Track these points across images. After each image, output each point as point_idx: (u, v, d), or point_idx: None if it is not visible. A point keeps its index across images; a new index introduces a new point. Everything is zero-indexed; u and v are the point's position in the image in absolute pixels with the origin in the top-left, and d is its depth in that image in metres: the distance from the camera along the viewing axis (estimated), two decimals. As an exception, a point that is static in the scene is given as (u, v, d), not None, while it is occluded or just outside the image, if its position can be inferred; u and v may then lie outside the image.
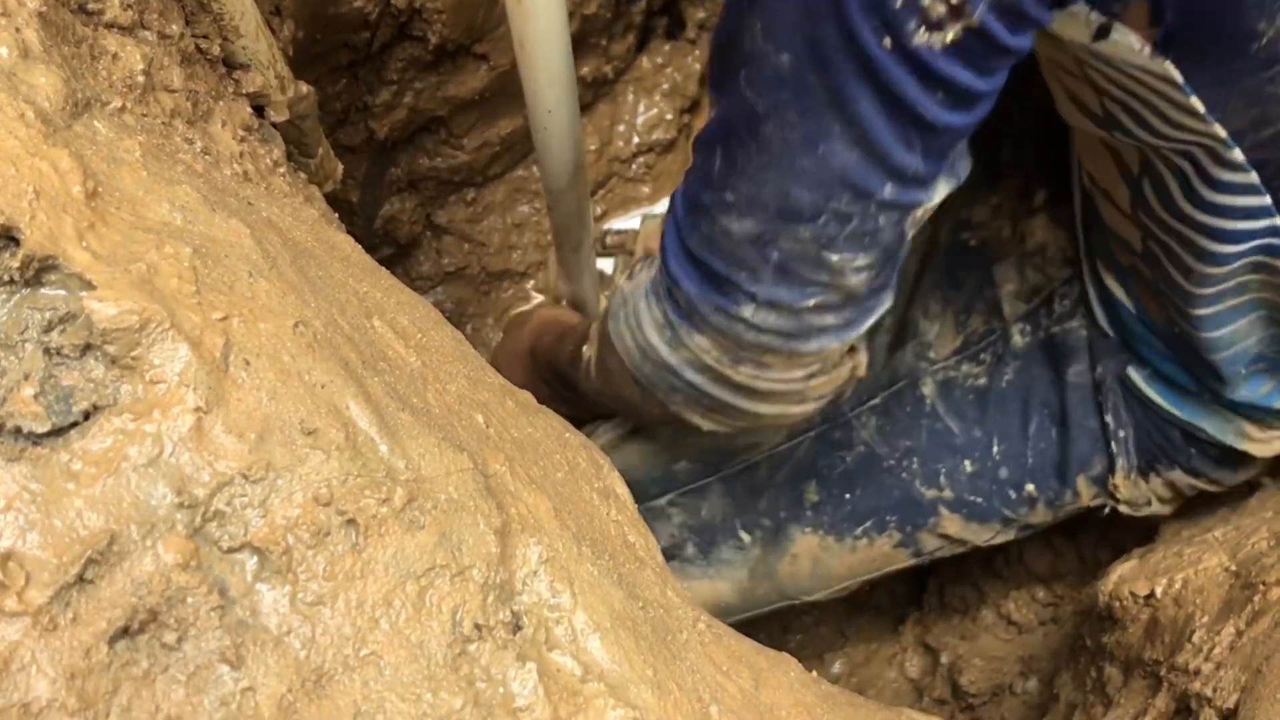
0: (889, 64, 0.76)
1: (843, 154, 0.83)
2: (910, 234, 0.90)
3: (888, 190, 0.85)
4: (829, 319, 0.94)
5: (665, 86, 1.88)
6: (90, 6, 0.71)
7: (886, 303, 0.97)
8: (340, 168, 1.14)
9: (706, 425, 1.11)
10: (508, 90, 1.66)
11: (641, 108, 1.88)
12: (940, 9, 0.73)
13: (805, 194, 0.85)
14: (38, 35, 0.61)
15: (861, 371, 1.06)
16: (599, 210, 1.89)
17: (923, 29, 0.74)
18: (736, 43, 0.83)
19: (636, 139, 1.88)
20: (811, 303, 0.92)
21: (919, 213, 0.88)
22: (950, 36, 0.75)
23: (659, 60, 1.87)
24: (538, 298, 1.76)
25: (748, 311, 0.94)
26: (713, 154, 0.90)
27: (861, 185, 0.84)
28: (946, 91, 0.79)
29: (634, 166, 1.91)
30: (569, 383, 1.32)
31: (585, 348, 1.22)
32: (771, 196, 0.87)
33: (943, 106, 0.80)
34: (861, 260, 0.89)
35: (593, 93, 1.85)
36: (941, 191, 0.88)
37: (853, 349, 1.02)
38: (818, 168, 0.84)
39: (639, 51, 1.87)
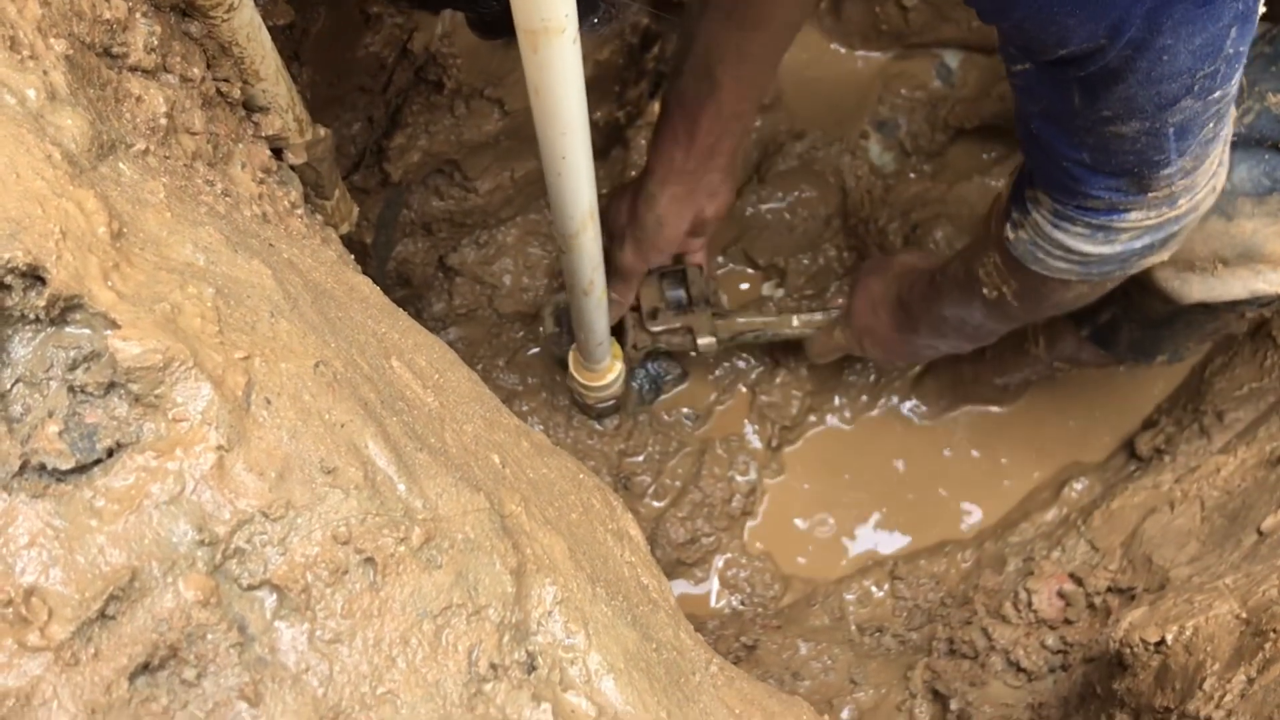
0: None
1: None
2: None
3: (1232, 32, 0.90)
4: (1225, 121, 1.02)
5: (677, 131, 1.89)
6: (115, 50, 0.72)
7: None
8: (356, 210, 1.15)
9: (1165, 257, 1.19)
10: (521, 134, 1.68)
11: (653, 152, 1.89)
12: None
13: (1172, 85, 0.92)
14: (65, 78, 0.62)
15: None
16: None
17: None
18: None
19: (648, 183, 1.89)
20: (1211, 124, 0.99)
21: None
22: None
23: (671, 105, 1.88)
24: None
25: (1167, 170, 1.02)
26: (1069, 91, 0.97)
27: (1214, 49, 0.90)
28: None
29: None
30: (955, 323, 1.46)
31: (984, 290, 1.33)
32: (1147, 100, 0.94)
33: None
34: (1237, 75, 0.95)
35: (605, 137, 1.87)
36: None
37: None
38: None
39: (651, 97, 1.89)
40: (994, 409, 1.95)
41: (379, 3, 1.38)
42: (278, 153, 0.96)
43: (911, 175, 1.97)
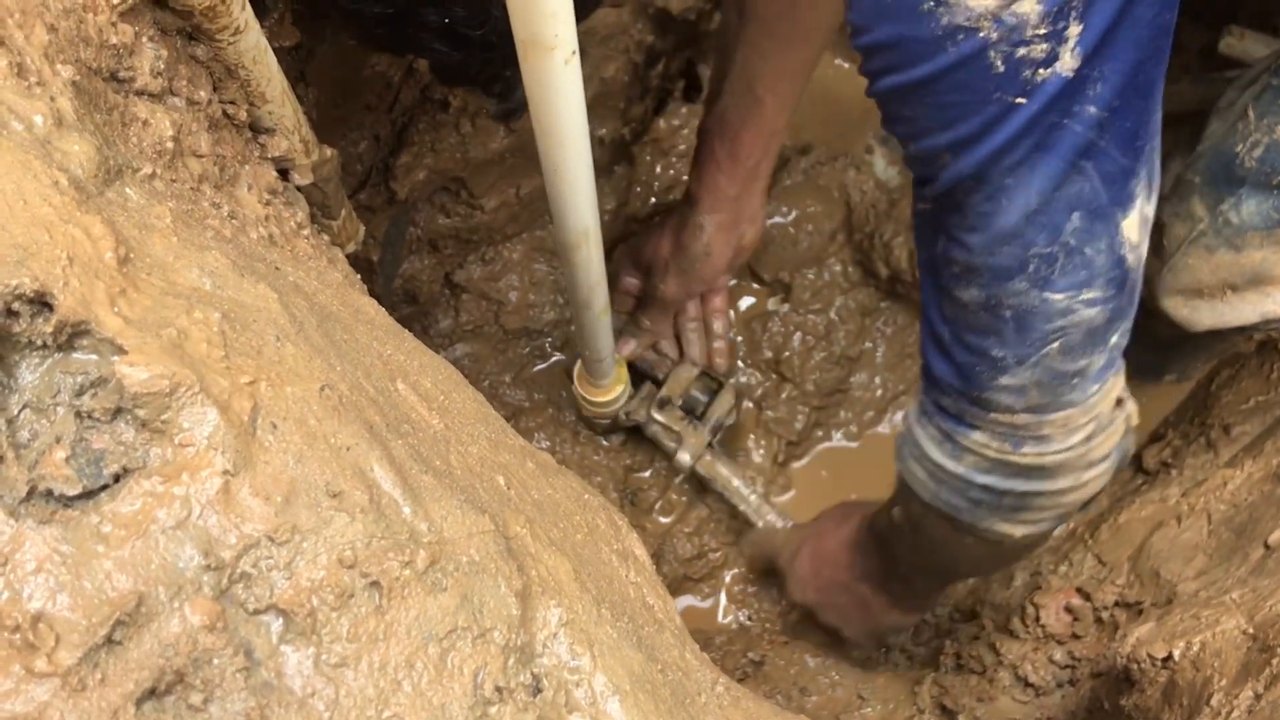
0: None
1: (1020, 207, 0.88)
2: (1130, 256, 0.93)
3: (1074, 220, 0.88)
4: (1080, 363, 0.98)
5: (681, 148, 1.89)
6: (122, 74, 0.72)
7: (1124, 323, 1.00)
8: (362, 229, 1.15)
9: (1020, 532, 1.15)
10: (527, 151, 1.68)
11: (658, 169, 1.89)
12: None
13: (1005, 249, 0.90)
14: (71, 104, 0.62)
15: (1135, 421, 1.08)
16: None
17: None
18: None
19: (653, 200, 1.90)
20: (1057, 345, 0.95)
21: (1125, 229, 0.91)
22: None
23: (675, 122, 1.89)
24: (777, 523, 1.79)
25: (1006, 379, 0.98)
26: (939, 235, 0.96)
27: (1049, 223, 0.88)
28: None
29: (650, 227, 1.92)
30: (892, 563, 1.41)
31: (894, 510, 1.30)
32: (982, 258, 0.92)
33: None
34: (1089, 294, 0.93)
35: (610, 154, 1.87)
36: (1140, 207, 0.91)
37: (1120, 401, 1.04)
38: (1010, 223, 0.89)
39: (656, 114, 1.89)
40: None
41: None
42: (284, 174, 0.96)
43: (917, 190, 1.97)
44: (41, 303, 0.52)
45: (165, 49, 0.76)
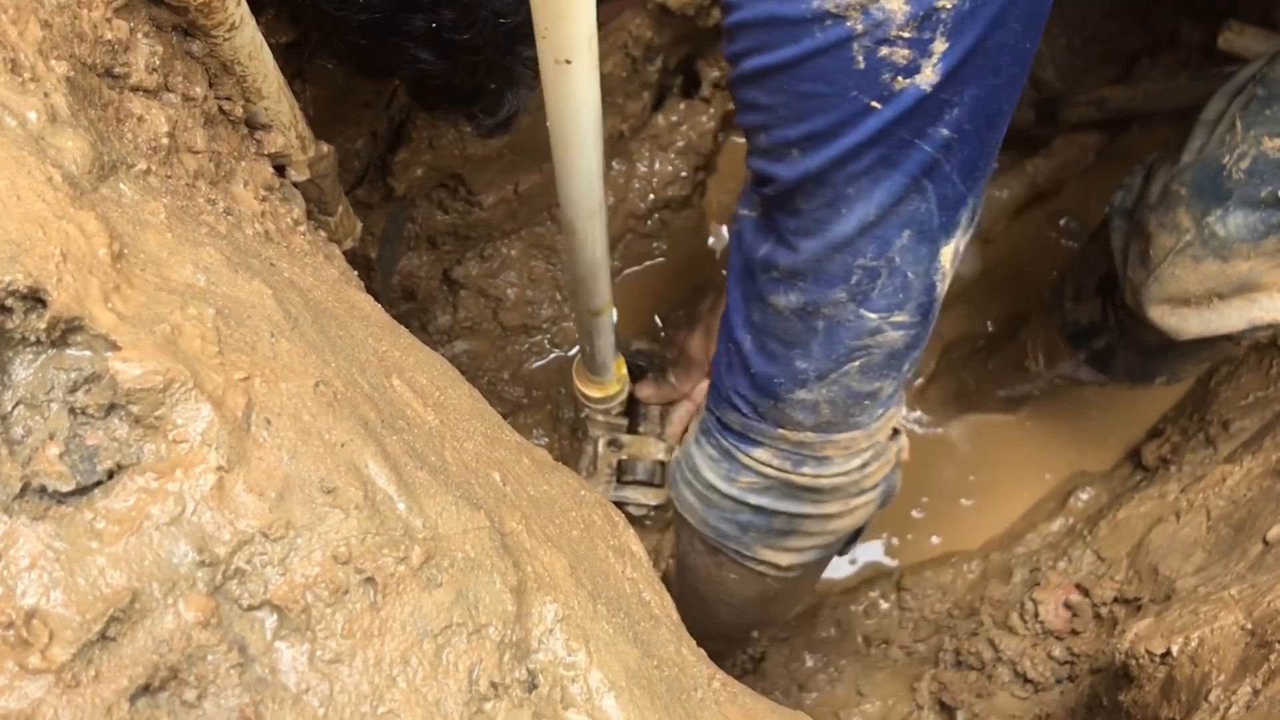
0: None
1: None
2: (940, 285, 0.93)
3: (904, 237, 0.88)
4: (874, 386, 0.98)
5: (680, 144, 1.89)
6: (117, 70, 0.72)
7: (917, 353, 1.00)
8: (359, 225, 1.15)
9: (785, 560, 1.15)
10: (525, 147, 1.68)
11: (657, 164, 1.89)
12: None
13: (836, 256, 0.90)
14: (66, 100, 0.62)
15: (905, 455, 1.09)
16: (614, 262, 1.90)
17: None
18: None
19: (652, 195, 1.90)
20: (857, 364, 0.96)
21: (943, 255, 0.91)
22: None
23: (674, 118, 1.89)
24: None
25: (802, 393, 0.99)
26: (767, 239, 0.96)
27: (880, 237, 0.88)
28: None
29: (649, 223, 1.92)
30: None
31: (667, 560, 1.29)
32: (809, 264, 0.92)
33: None
34: (901, 315, 0.93)
35: (608, 150, 1.87)
36: (959, 236, 0.90)
37: (896, 431, 1.05)
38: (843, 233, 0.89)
39: (655, 110, 1.89)
40: (999, 419, 1.95)
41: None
42: (280, 170, 0.96)
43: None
44: (35, 299, 0.51)
45: (160, 45, 0.76)
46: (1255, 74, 1.19)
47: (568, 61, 0.85)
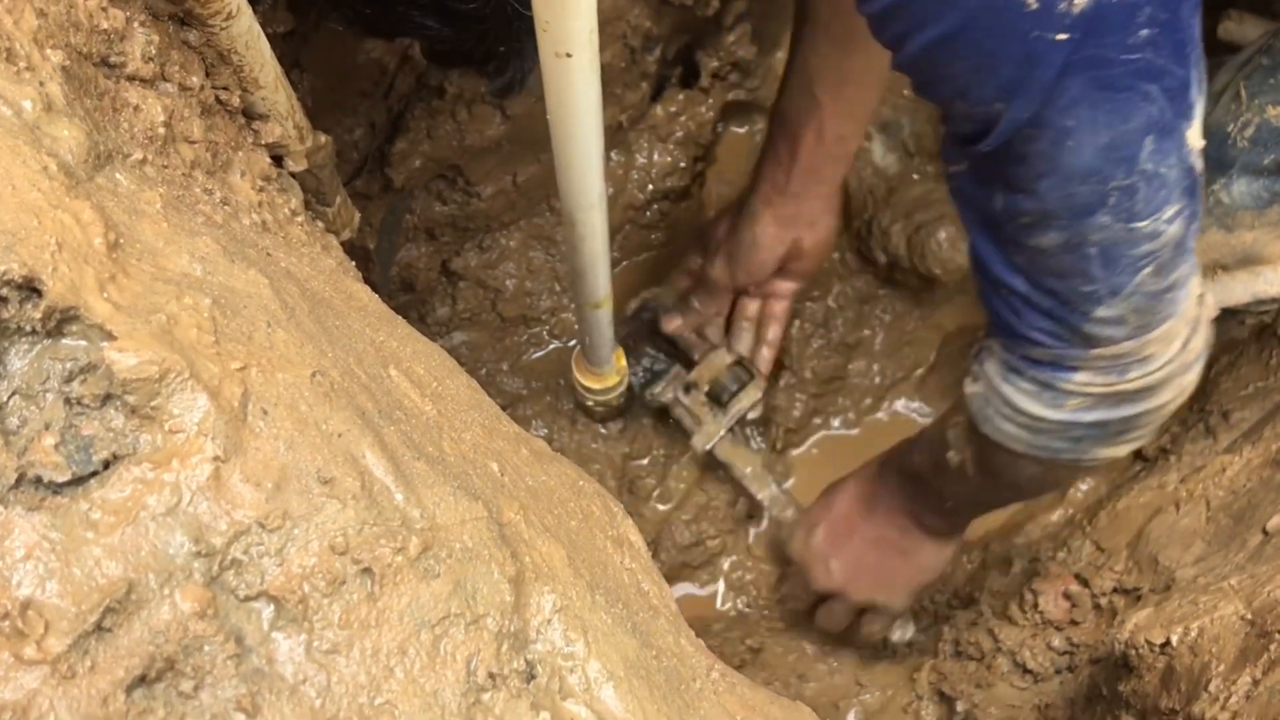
0: None
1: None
2: (1197, 162, 0.92)
3: (1147, 145, 0.87)
4: (1169, 279, 0.96)
5: (679, 135, 1.89)
6: (112, 60, 0.72)
7: (1198, 223, 0.98)
8: (357, 216, 1.15)
9: (1124, 451, 1.15)
10: (523, 138, 1.68)
11: (655, 155, 1.89)
12: None
13: (1082, 188, 0.88)
14: (61, 89, 0.62)
15: (1214, 311, 1.08)
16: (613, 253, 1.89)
17: None
18: None
19: (651, 186, 1.89)
20: (1148, 270, 0.94)
21: (1190, 139, 0.90)
22: None
23: (673, 109, 1.88)
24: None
25: (1102, 311, 0.96)
26: (993, 191, 0.94)
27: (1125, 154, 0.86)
28: None
29: (648, 214, 1.92)
30: (935, 497, 1.40)
31: (949, 454, 1.27)
32: (1059, 200, 0.90)
33: None
34: (1169, 212, 0.91)
35: (607, 140, 1.86)
36: (1199, 113, 0.89)
37: (1201, 295, 1.04)
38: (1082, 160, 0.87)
39: (653, 100, 1.88)
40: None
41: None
42: (278, 160, 0.96)
43: (915, 176, 1.96)
44: (30, 288, 0.51)
45: (157, 34, 0.76)
46: (1262, 45, 1.19)
47: (568, 55, 0.85)
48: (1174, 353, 1.03)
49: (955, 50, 0.83)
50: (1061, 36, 0.78)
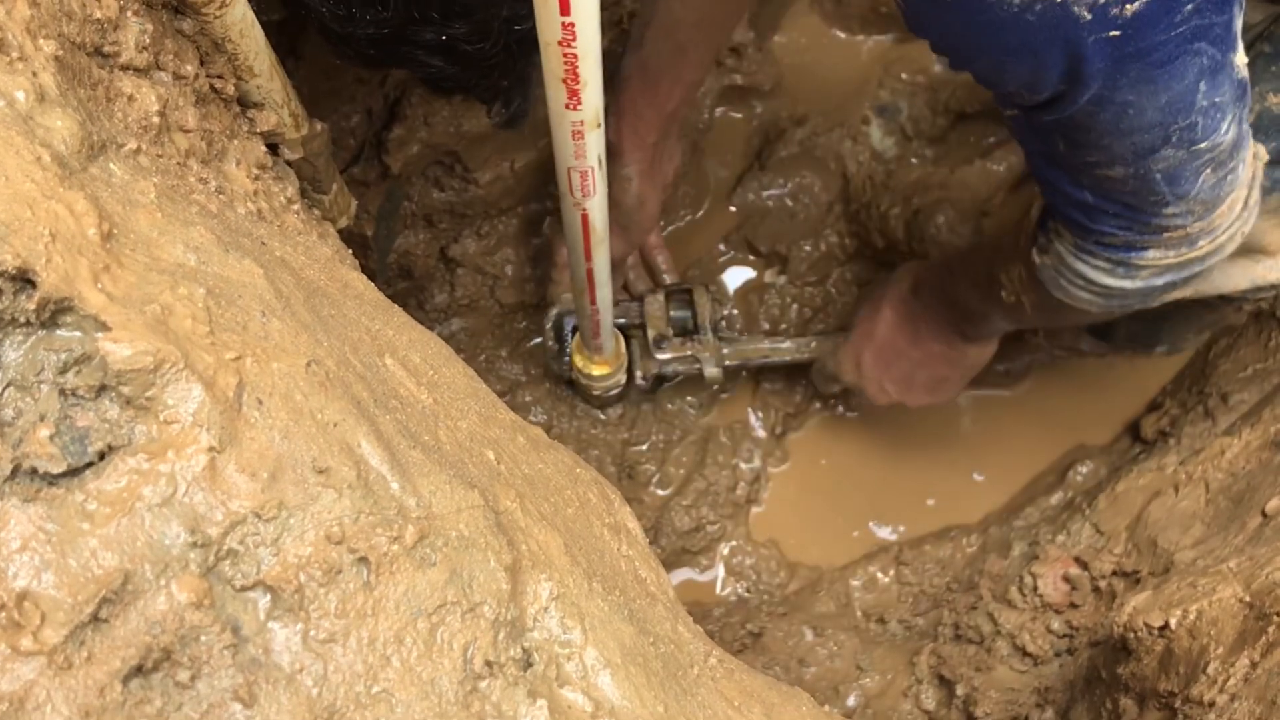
0: None
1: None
2: (1245, 74, 0.96)
3: (1201, 89, 0.91)
4: (1228, 169, 1.02)
5: (677, 122, 1.88)
6: (106, 49, 0.72)
7: (1246, 109, 1.02)
8: (354, 204, 1.15)
9: (1191, 291, 1.21)
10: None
11: (653, 141, 1.88)
12: None
13: (1146, 136, 0.94)
14: (54, 79, 0.62)
15: (1265, 156, 1.12)
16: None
17: None
18: None
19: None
20: (1208, 171, 0.99)
21: (1238, 62, 0.94)
22: None
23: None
24: None
25: (1169, 210, 1.02)
26: (1054, 137, 0.99)
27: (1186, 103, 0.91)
28: None
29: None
30: (980, 318, 1.47)
31: (1003, 293, 1.33)
32: (1124, 149, 0.95)
33: None
34: (1224, 126, 0.96)
35: (605, 126, 1.86)
36: (1239, 31, 0.93)
37: (1254, 153, 1.09)
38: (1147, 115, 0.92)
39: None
40: (998, 393, 1.95)
41: None
42: (273, 148, 0.95)
43: (913, 160, 1.96)
44: (24, 280, 0.51)
45: (150, 23, 0.76)
46: (1263, 31, 1.19)
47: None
48: (1236, 214, 1.08)
49: (1017, 62, 0.89)
50: (1115, 34, 0.83)
